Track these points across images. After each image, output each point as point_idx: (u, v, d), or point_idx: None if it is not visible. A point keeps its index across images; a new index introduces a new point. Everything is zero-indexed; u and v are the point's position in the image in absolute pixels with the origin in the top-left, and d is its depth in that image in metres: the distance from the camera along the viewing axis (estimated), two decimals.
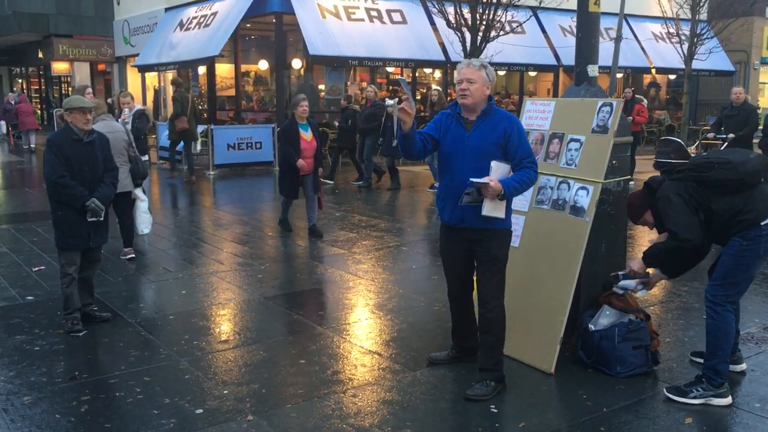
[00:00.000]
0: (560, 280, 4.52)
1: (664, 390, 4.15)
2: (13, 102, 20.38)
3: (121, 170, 6.22)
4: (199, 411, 3.95)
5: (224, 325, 5.49)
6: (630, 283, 4.41)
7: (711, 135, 10.69)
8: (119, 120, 9.06)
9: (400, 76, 5.42)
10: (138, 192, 7.34)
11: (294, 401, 4.08)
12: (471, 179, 3.87)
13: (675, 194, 4.08)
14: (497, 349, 4.16)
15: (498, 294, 4.12)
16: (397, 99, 4.12)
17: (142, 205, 7.38)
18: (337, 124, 13.41)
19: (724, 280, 4.06)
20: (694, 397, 4.04)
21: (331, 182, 13.19)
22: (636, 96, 15.00)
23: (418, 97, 21.28)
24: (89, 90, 9.90)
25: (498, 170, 3.97)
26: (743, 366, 4.51)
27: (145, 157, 9.36)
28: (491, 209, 3.96)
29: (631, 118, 12.26)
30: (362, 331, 5.32)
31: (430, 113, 12.81)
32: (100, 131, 5.47)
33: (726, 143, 10.02)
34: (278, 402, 4.08)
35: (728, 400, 4.04)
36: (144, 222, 7.44)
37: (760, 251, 3.99)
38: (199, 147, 15.12)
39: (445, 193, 4.15)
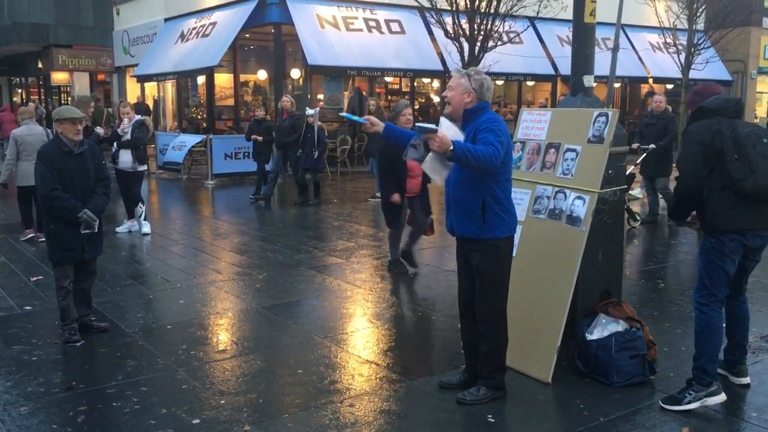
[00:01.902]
0: (557, 289, 4.53)
1: (660, 402, 4.14)
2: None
3: None
4: (196, 421, 3.95)
5: (222, 334, 5.50)
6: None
7: (635, 145, 10.22)
8: (118, 129, 9.11)
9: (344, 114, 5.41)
10: None
11: (291, 411, 4.08)
12: (417, 124, 3.64)
13: (698, 142, 4.04)
14: (491, 358, 4.16)
15: (489, 306, 4.10)
16: (317, 108, 4.25)
17: None
18: (259, 138, 12.17)
19: (702, 279, 4.19)
20: (689, 402, 4.06)
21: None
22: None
23: (416, 107, 21.34)
24: (93, 103, 9.98)
25: (450, 128, 3.81)
26: (747, 380, 4.43)
27: (144, 167, 9.41)
28: (431, 169, 3.78)
29: None
30: (360, 340, 5.32)
31: None
32: (22, 135, 5.44)
33: (645, 154, 9.79)
34: (275, 412, 4.08)
35: (722, 397, 4.10)
36: None
37: (726, 251, 4.10)
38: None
39: (445, 202, 4.22)
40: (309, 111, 11.99)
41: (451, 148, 3.63)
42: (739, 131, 4.05)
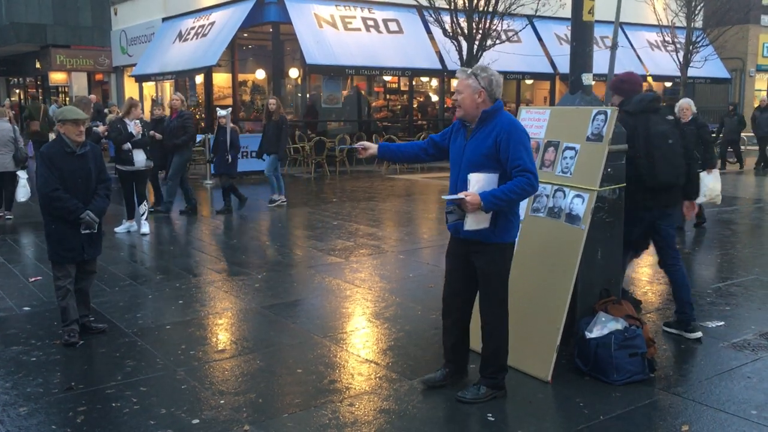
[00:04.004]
0: (556, 287, 4.53)
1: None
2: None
3: (5, 156, 10.29)
4: (196, 421, 3.95)
5: (221, 334, 5.49)
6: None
7: None
8: (133, 131, 9.11)
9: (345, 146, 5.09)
10: (20, 172, 10.44)
11: (291, 411, 4.08)
12: (444, 197, 3.83)
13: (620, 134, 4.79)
14: (494, 358, 4.17)
15: (494, 308, 4.10)
16: (229, 108, 4.29)
17: (22, 180, 10.44)
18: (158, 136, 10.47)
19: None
20: (670, 327, 5.28)
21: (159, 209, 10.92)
22: None
23: (415, 106, 21.35)
24: (92, 105, 10.04)
25: (479, 182, 3.88)
26: (698, 335, 5.14)
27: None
28: (474, 223, 3.90)
29: None
30: (359, 339, 5.32)
31: (266, 122, 11.84)
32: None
33: None
34: (275, 411, 4.07)
35: (696, 334, 5.11)
36: (21, 193, 10.47)
37: (631, 221, 5.01)
38: None
39: (447, 203, 4.15)
40: (221, 112, 11.32)
41: (481, 203, 3.77)
42: (651, 131, 4.89)
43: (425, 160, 4.46)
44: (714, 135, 19.14)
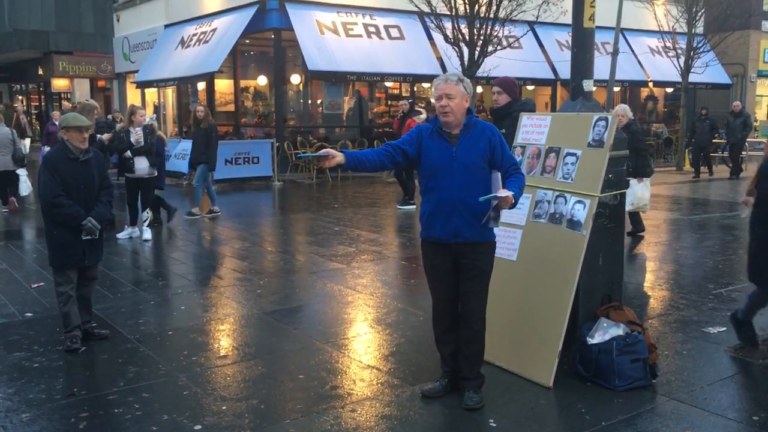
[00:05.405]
0: (558, 293, 4.53)
1: None
2: (57, 123, 18.06)
3: (6, 157, 11.46)
4: (198, 427, 3.95)
5: (223, 340, 5.50)
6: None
7: None
8: (132, 139, 9.12)
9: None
10: (19, 171, 11.65)
11: (293, 416, 4.08)
12: (497, 194, 3.85)
13: None
14: (480, 356, 4.29)
15: (484, 306, 4.20)
16: (154, 116, 4.19)
17: (22, 177, 11.74)
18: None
19: None
20: None
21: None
22: (416, 109, 13.35)
23: (418, 111, 21.35)
24: (97, 111, 10.02)
25: (498, 181, 4.02)
26: None
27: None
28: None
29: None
30: (361, 345, 5.32)
31: (194, 130, 11.52)
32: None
33: None
34: (277, 417, 4.08)
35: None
36: (23, 188, 11.79)
37: None
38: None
39: (434, 209, 4.07)
40: (146, 119, 10.45)
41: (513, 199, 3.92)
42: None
43: (388, 168, 4.48)
44: (687, 139, 19.17)
